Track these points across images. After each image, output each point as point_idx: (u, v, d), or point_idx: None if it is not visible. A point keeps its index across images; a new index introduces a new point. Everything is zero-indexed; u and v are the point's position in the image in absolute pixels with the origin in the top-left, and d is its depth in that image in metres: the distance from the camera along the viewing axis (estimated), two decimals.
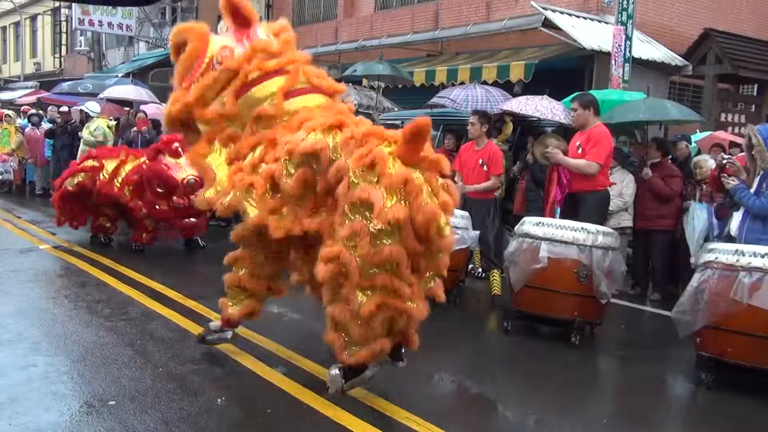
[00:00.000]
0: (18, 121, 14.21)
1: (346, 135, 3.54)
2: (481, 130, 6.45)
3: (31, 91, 22.68)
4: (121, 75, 19.30)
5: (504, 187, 7.92)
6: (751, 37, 11.44)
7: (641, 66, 10.20)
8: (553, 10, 10.48)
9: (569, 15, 10.69)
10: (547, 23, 10.22)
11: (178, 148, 7.83)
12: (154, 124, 10.93)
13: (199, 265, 7.93)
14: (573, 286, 5.09)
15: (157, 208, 7.74)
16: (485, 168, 6.37)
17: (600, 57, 10.04)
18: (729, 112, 11.46)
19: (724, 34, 11.07)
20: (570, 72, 10.48)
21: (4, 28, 35.71)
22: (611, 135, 5.88)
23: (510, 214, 8.12)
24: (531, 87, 9.42)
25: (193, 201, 7.28)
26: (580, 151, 5.71)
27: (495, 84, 10.14)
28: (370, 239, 3.33)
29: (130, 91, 14.48)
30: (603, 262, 5.08)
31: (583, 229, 5.11)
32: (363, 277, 3.37)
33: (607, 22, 10.67)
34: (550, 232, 5.16)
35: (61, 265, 7.17)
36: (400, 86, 11.92)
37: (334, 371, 3.71)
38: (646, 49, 10.78)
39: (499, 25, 11.20)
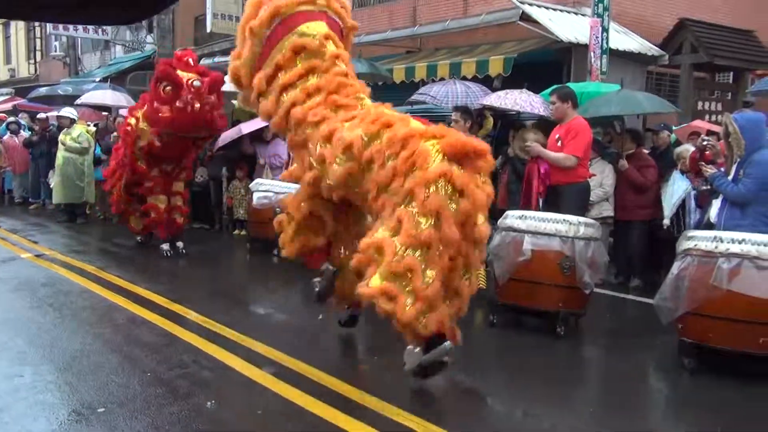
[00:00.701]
0: None
1: (390, 135, 3.92)
2: (464, 126, 6.51)
3: (6, 98, 22.37)
4: (98, 80, 19.10)
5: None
6: (726, 25, 11.57)
7: (618, 57, 10.29)
8: (530, 4, 10.53)
9: (546, 8, 10.75)
10: (525, 17, 10.28)
11: (188, 62, 7.92)
12: None
13: (184, 270, 7.91)
14: (557, 278, 5.14)
15: (160, 116, 7.60)
16: None
17: (578, 49, 10.12)
18: (706, 100, 11.58)
19: (699, 24, 11.19)
20: (548, 65, 10.54)
21: None
22: (589, 127, 5.94)
23: (494, 208, 8.15)
24: (510, 81, 9.46)
25: (197, 107, 7.46)
26: (560, 143, 5.77)
27: (474, 79, 10.17)
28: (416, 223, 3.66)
29: (108, 96, 14.26)
30: (585, 253, 5.14)
31: (565, 221, 5.17)
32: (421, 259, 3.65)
33: (584, 14, 10.75)
34: (533, 225, 5.22)
35: (44, 273, 7.11)
36: (380, 83, 11.92)
37: (411, 346, 3.79)
38: (622, 40, 10.88)
39: (477, 20, 11.24)
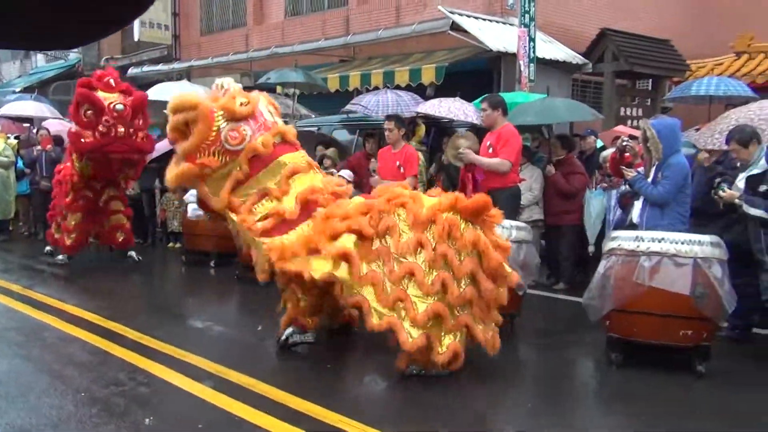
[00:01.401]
0: None
1: (411, 215, 4.33)
2: (398, 134, 6.64)
3: None
4: (18, 90, 18.33)
5: (423, 189, 8.10)
6: (644, 35, 12.17)
7: (545, 65, 10.68)
8: (460, 14, 10.79)
9: (476, 18, 11.04)
10: (455, 27, 10.52)
11: (109, 82, 7.62)
12: (56, 141, 10.27)
13: (116, 285, 7.67)
14: None
15: (83, 141, 7.38)
16: (402, 170, 6.54)
17: (506, 58, 10.44)
18: (627, 106, 12.14)
19: (620, 33, 11.74)
20: (479, 73, 10.83)
21: None
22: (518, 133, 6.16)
23: None
24: (443, 89, 9.67)
25: (121, 131, 7.29)
26: (491, 150, 5.95)
27: (408, 87, 10.35)
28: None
29: (31, 107, 13.67)
30: (518, 256, 5.31)
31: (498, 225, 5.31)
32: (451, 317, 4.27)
33: (512, 24, 11.09)
34: None
35: None
36: (315, 93, 11.95)
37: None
38: (549, 49, 11.29)
39: (409, 29, 11.43)
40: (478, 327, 4.36)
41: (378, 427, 3.56)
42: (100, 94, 7.48)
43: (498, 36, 10.73)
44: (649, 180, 5.19)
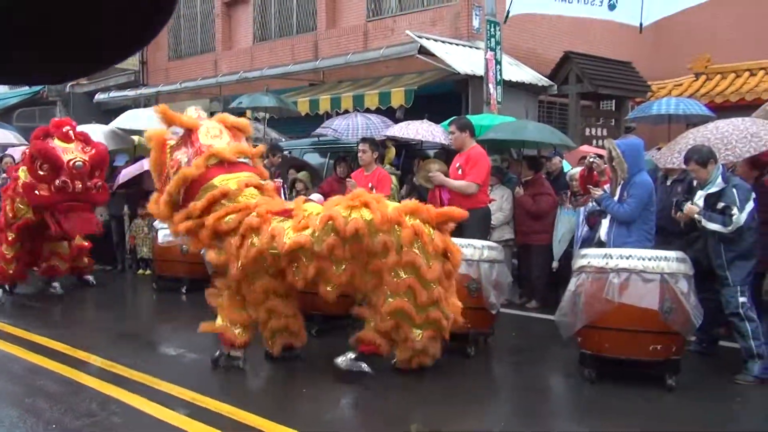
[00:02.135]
0: None
1: (377, 216, 4.49)
2: (371, 156, 6.74)
3: None
4: None
5: None
6: (606, 57, 12.53)
7: (512, 87, 10.89)
8: (427, 38, 10.97)
9: (443, 42, 11.23)
10: (423, 50, 10.69)
11: (68, 132, 7.38)
12: None
13: (85, 314, 7.55)
14: (465, 300, 5.30)
15: (37, 194, 7.11)
16: (374, 192, 6.58)
17: (474, 81, 10.62)
18: (592, 126, 12.43)
19: (582, 56, 12.06)
20: (447, 96, 10.99)
21: None
22: (487, 154, 6.27)
23: None
24: (412, 112, 9.80)
25: (79, 188, 7.05)
26: (461, 171, 6.05)
27: (378, 110, 10.45)
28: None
29: None
30: (490, 275, 5.38)
31: (469, 245, 5.38)
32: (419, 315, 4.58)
33: (479, 48, 11.30)
34: None
35: None
36: (286, 116, 11.99)
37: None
38: (515, 71, 11.52)
39: (377, 53, 11.58)
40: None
41: None
42: (57, 143, 7.24)
43: (465, 59, 10.93)
44: (616, 198, 5.32)
